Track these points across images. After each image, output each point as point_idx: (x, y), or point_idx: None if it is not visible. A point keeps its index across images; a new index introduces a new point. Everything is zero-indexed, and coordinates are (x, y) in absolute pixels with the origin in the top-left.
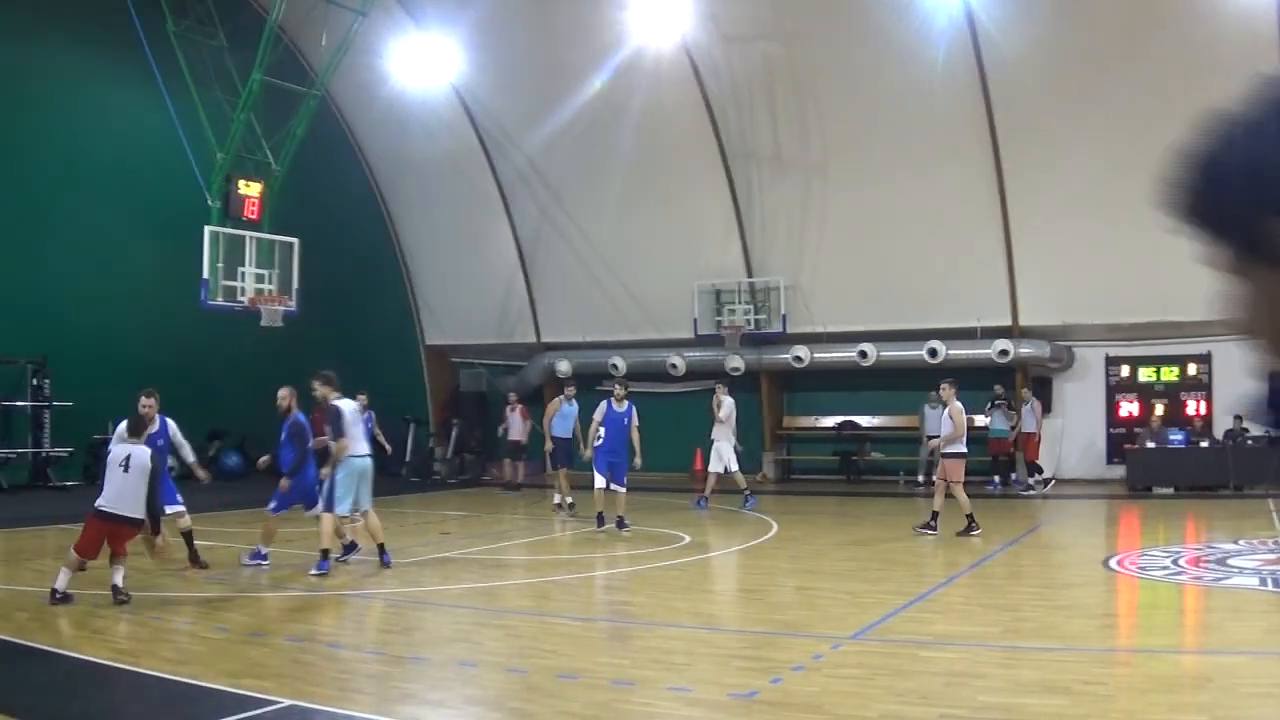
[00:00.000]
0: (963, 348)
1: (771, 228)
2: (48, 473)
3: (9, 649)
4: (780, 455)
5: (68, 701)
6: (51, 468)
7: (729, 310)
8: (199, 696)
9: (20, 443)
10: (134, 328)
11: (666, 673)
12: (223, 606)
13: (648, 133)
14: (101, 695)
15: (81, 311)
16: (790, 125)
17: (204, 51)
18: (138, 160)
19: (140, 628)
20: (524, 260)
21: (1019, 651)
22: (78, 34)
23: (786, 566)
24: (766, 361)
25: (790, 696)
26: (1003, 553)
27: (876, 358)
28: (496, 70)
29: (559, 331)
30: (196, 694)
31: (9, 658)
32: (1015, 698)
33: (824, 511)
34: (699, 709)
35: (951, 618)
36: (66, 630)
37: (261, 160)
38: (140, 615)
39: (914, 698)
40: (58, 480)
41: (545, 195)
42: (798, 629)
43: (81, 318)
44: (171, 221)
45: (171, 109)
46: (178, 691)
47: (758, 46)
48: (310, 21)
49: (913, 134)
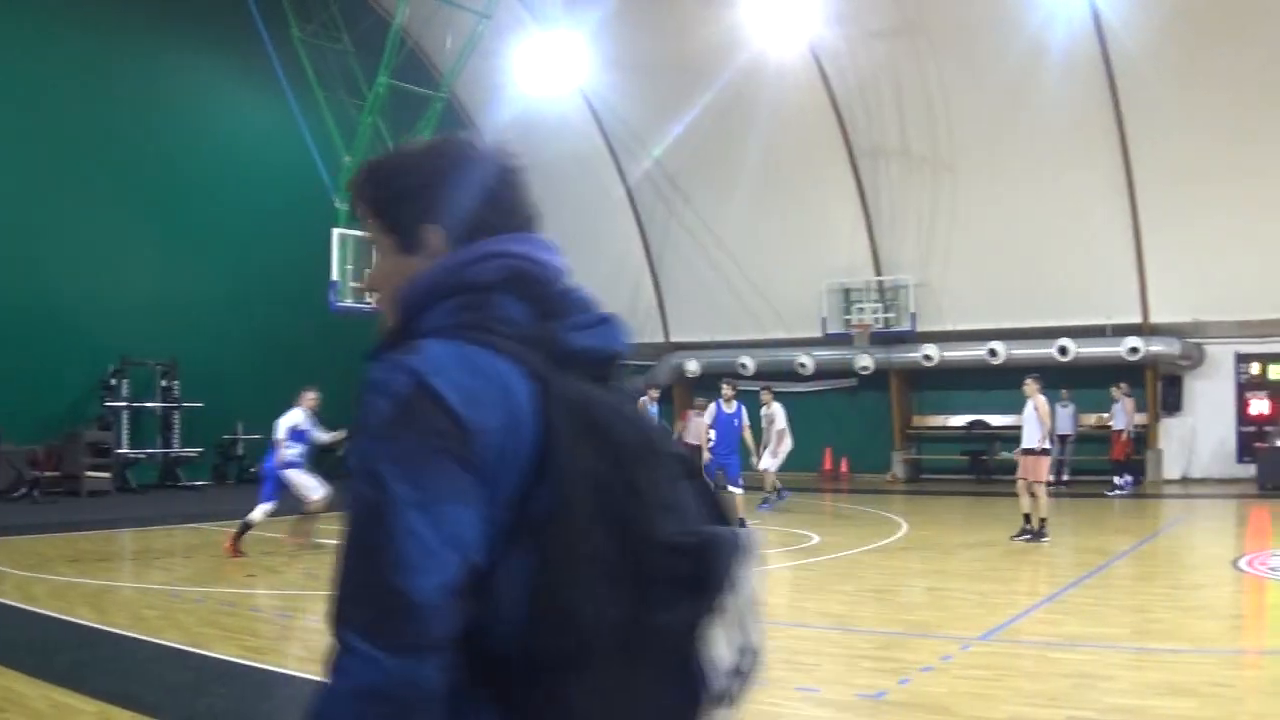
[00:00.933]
0: (1093, 346)
1: (900, 225)
2: (177, 473)
3: (139, 647)
4: (909, 455)
5: (196, 699)
6: (181, 468)
7: (857, 309)
8: None
9: (150, 443)
10: (262, 330)
11: (794, 673)
12: None
13: (774, 131)
14: (230, 693)
15: (210, 314)
16: (917, 122)
17: (329, 56)
18: (265, 164)
19: (268, 625)
20: (652, 260)
21: (1147, 653)
22: (204, 42)
23: (916, 567)
24: (896, 360)
25: (918, 697)
26: (1132, 553)
27: (1006, 356)
28: (621, 71)
29: (687, 331)
30: None
31: (139, 656)
32: (1142, 699)
33: (953, 511)
34: (827, 709)
35: (1080, 618)
36: (195, 628)
37: None
38: (268, 613)
39: (1041, 699)
40: (187, 480)
41: (673, 195)
42: (927, 630)
43: (210, 320)
44: (299, 224)
45: (298, 113)
46: (306, 689)
47: (883, 44)
48: (434, 24)
49: (1040, 129)
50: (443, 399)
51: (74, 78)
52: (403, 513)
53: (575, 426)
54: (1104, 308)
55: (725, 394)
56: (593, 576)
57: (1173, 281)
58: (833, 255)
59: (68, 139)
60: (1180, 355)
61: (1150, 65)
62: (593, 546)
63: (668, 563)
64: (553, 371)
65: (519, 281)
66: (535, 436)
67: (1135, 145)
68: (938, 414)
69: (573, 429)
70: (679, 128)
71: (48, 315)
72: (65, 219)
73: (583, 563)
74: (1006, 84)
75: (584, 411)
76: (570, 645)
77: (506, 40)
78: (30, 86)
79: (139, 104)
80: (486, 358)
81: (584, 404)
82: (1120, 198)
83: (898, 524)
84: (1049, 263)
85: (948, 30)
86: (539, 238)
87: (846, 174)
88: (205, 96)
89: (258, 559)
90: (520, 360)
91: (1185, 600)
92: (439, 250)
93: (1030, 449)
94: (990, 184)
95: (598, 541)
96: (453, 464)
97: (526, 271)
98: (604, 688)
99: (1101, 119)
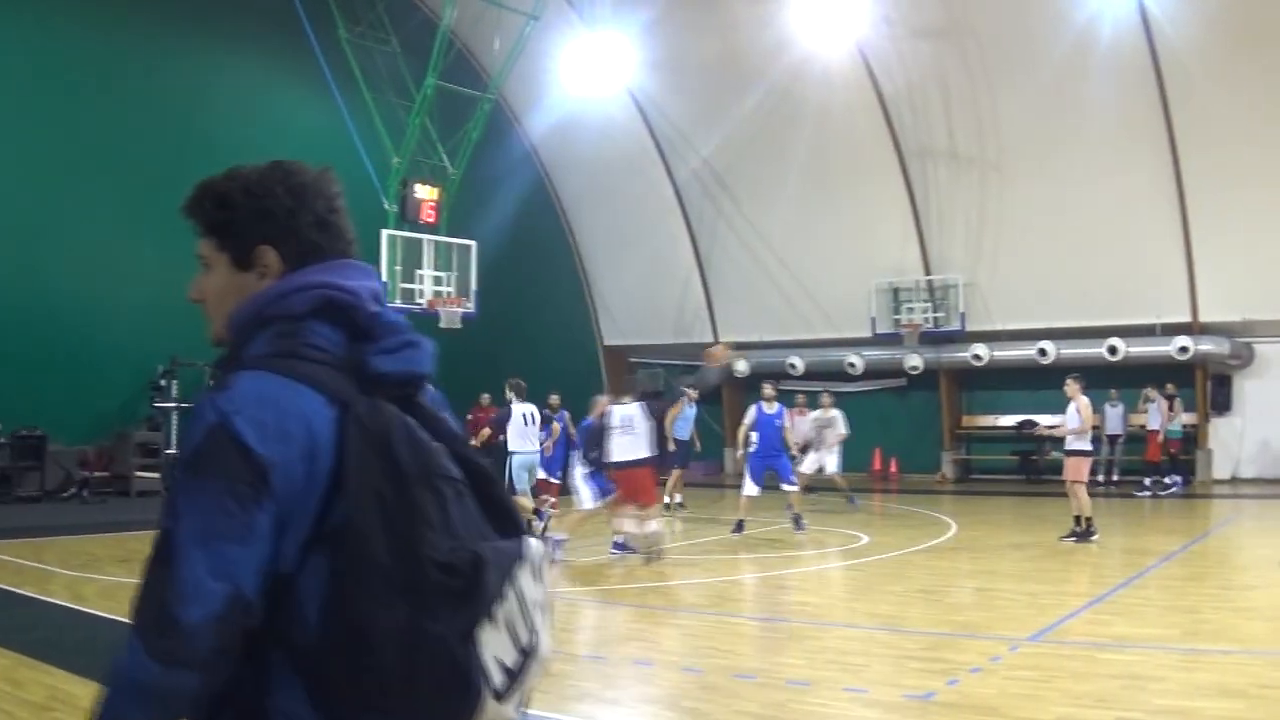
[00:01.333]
0: (1142, 345)
1: (949, 225)
2: None
3: None
4: (959, 455)
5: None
6: None
7: (907, 309)
8: None
9: None
10: None
11: (842, 673)
12: None
13: (823, 131)
14: None
15: None
16: (966, 122)
17: (376, 57)
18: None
19: None
20: (700, 260)
21: (1197, 654)
22: (253, 45)
23: (965, 567)
24: (945, 360)
25: (966, 698)
26: (1183, 553)
27: (1056, 355)
28: (669, 71)
29: (736, 331)
30: None
31: None
32: (1192, 701)
33: (1003, 511)
34: (875, 710)
35: (1130, 619)
36: None
37: (437, 164)
38: None
39: (1090, 700)
40: None
41: (721, 195)
42: (976, 630)
43: None
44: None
45: (346, 115)
46: None
47: (930, 44)
48: (482, 25)
49: (1087, 128)
50: (241, 439)
51: (125, 81)
52: (188, 546)
53: (367, 450)
54: (1153, 307)
55: (766, 395)
56: (374, 584)
57: (1222, 280)
58: (882, 255)
59: (116, 142)
60: (1230, 354)
61: (1198, 62)
62: (376, 558)
63: (440, 578)
64: (356, 396)
65: (330, 309)
66: (331, 460)
67: (1183, 143)
68: (987, 414)
69: (364, 452)
70: (727, 128)
71: (98, 316)
72: (112, 222)
73: (366, 572)
74: (1054, 84)
75: (377, 436)
76: (355, 643)
77: (554, 41)
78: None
79: (189, 107)
80: (290, 390)
81: (378, 429)
82: (1169, 196)
83: (947, 524)
84: (1098, 262)
85: (995, 30)
86: (356, 264)
87: (895, 174)
88: (254, 98)
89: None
90: (324, 388)
91: (1235, 601)
92: (275, 267)
93: (1071, 450)
94: (1038, 183)
95: (380, 554)
96: (237, 504)
97: (336, 299)
98: (387, 682)
99: (1149, 117)
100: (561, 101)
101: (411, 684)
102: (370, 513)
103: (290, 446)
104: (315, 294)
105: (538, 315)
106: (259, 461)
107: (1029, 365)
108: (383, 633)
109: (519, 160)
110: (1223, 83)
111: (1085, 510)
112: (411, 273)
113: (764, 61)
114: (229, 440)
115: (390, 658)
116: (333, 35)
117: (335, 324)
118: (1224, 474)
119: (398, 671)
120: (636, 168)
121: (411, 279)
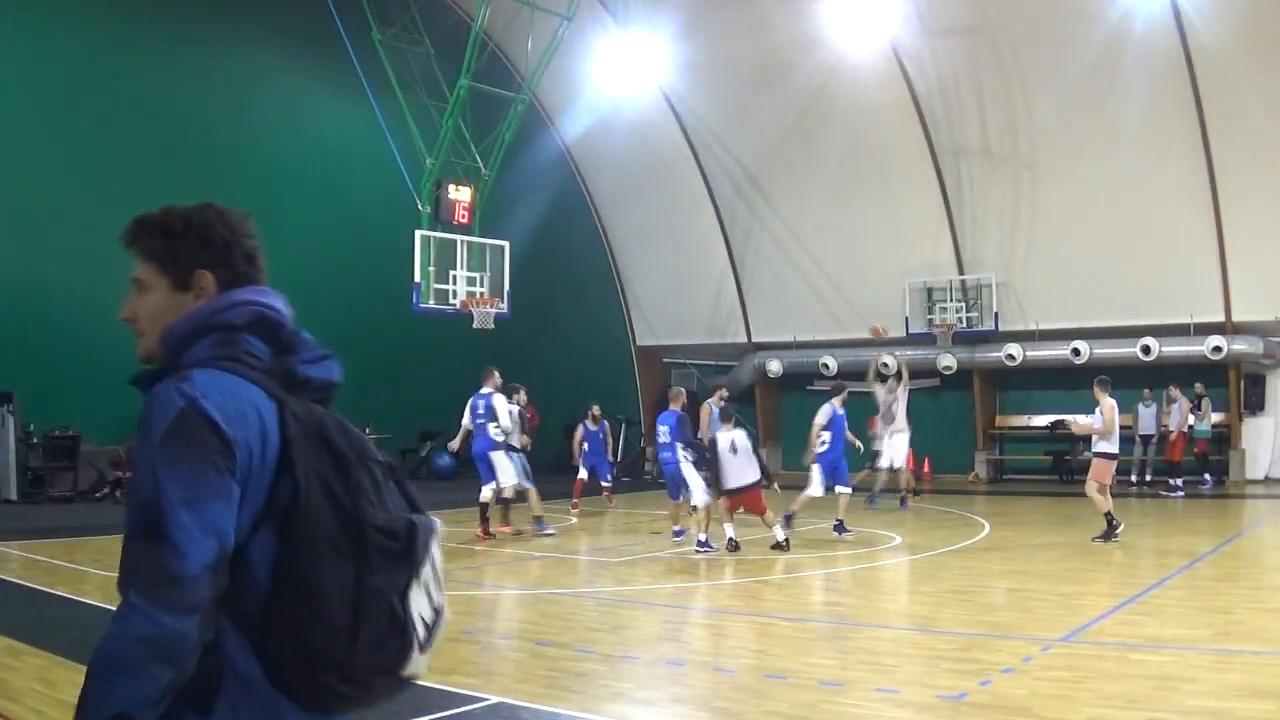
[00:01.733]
0: (1176, 344)
1: (982, 224)
2: None
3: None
4: (992, 455)
5: None
6: None
7: (940, 308)
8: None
9: None
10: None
11: (875, 674)
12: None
13: (855, 131)
14: None
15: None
16: (999, 120)
17: (410, 58)
18: (347, 166)
19: None
20: (734, 260)
21: (1229, 655)
22: (286, 46)
23: (998, 568)
24: (979, 360)
25: (998, 699)
26: (1214, 554)
27: (1089, 355)
28: (702, 71)
29: (769, 331)
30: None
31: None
32: (1224, 702)
33: (1036, 512)
34: (907, 711)
35: (1162, 620)
36: None
37: (471, 165)
38: None
39: (1122, 701)
40: None
41: (754, 195)
42: (1008, 631)
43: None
44: (381, 226)
45: (379, 115)
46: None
47: (963, 42)
48: (515, 26)
49: (1120, 127)
50: (211, 418)
51: (154, 82)
52: (176, 508)
53: (307, 437)
54: (1186, 306)
55: (843, 396)
56: (324, 549)
57: (1256, 279)
58: (915, 254)
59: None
60: (1263, 354)
61: (1231, 61)
62: (323, 527)
63: (382, 541)
64: (286, 395)
65: (261, 324)
66: (278, 444)
67: (1217, 142)
68: (1021, 414)
69: (305, 438)
70: (760, 127)
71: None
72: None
73: (317, 538)
74: (1086, 81)
75: (314, 425)
76: (308, 601)
77: (587, 41)
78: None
79: (226, 110)
80: (239, 384)
81: (314, 420)
82: (1202, 195)
83: (980, 525)
84: (1131, 261)
85: (1027, 28)
86: (272, 290)
87: (928, 172)
88: (289, 100)
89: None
90: (263, 385)
91: (1269, 601)
92: (210, 290)
93: (1095, 451)
94: (1071, 181)
95: (326, 524)
96: (215, 470)
97: (267, 317)
98: (337, 633)
99: (1183, 116)
100: (595, 102)
101: (356, 634)
102: (316, 487)
103: (247, 429)
104: (251, 309)
105: (571, 316)
106: (227, 438)
107: (1063, 365)
108: (333, 590)
109: (552, 160)
110: (1256, 80)
111: (1105, 507)
112: (445, 273)
113: (796, 61)
114: (200, 419)
115: (340, 611)
116: (366, 37)
117: (263, 338)
118: (1258, 474)
119: (346, 623)
120: (669, 167)
121: (445, 280)
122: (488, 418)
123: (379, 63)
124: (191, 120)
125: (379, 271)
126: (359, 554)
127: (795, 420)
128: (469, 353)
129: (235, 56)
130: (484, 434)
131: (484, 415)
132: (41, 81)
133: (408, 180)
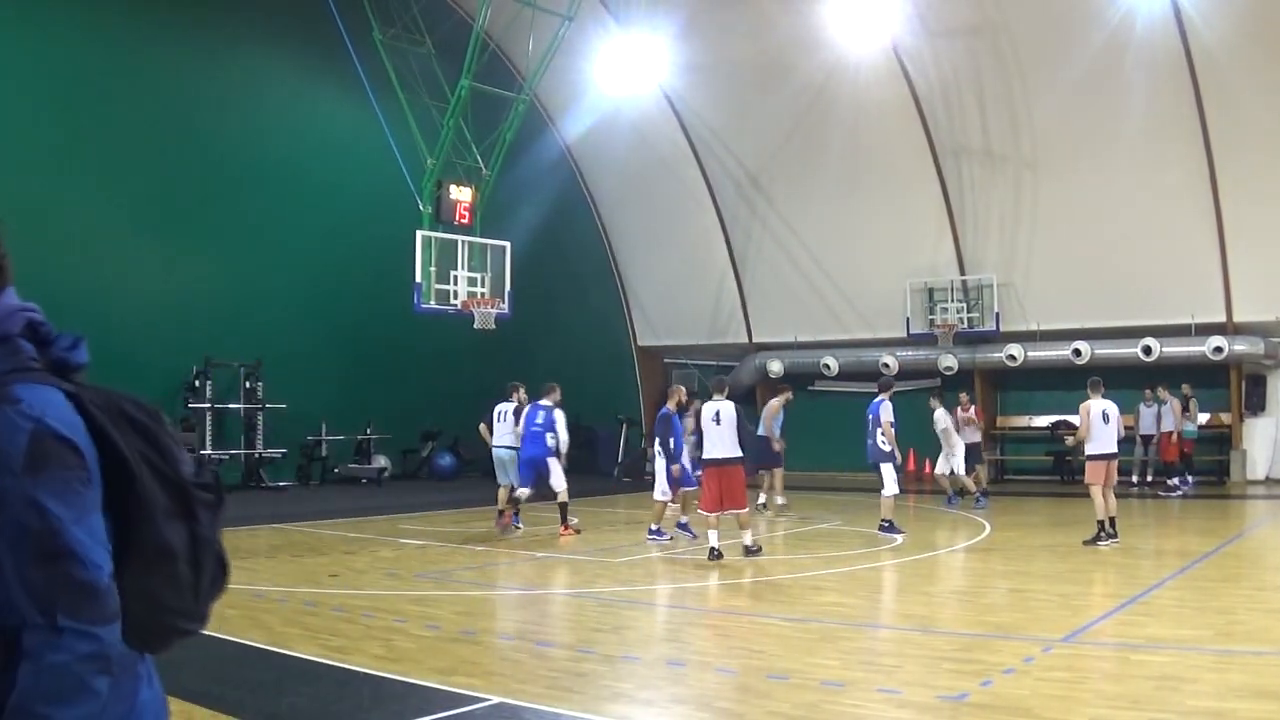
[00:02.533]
0: (1177, 345)
1: (983, 224)
2: (261, 473)
3: (222, 646)
4: (994, 455)
5: (279, 698)
6: (264, 469)
7: (941, 308)
8: (408, 693)
9: (234, 444)
10: (346, 331)
11: (876, 674)
12: (434, 604)
13: (857, 131)
14: (312, 691)
15: (294, 316)
16: (1000, 121)
17: (411, 59)
18: (348, 166)
19: (350, 625)
20: (735, 260)
21: (1230, 655)
22: (287, 46)
23: (999, 568)
24: (980, 360)
25: (999, 699)
26: (1215, 555)
27: (1090, 356)
28: (703, 71)
29: (771, 331)
30: (406, 691)
31: (222, 655)
32: (1225, 702)
33: (1037, 512)
34: (908, 711)
35: (1163, 620)
36: (278, 628)
37: (472, 165)
38: (350, 613)
39: (1123, 702)
40: (270, 481)
41: (755, 195)
42: (1009, 631)
43: (294, 322)
44: (382, 226)
45: (380, 116)
46: (387, 688)
47: (964, 42)
48: (516, 27)
49: (1121, 127)
50: (61, 434)
51: (158, 82)
52: (70, 528)
53: (113, 420)
54: (1187, 306)
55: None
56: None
57: (1257, 280)
58: (916, 255)
59: (150, 143)
60: (1264, 354)
61: (1232, 61)
62: (157, 498)
63: (203, 495)
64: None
65: (30, 328)
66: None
67: (1218, 141)
68: (1022, 414)
69: (113, 422)
70: (761, 127)
71: (132, 316)
72: (148, 222)
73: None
74: (1087, 81)
75: (112, 410)
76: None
77: (588, 42)
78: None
79: (223, 107)
80: (51, 391)
81: (110, 404)
82: (1204, 195)
83: (981, 525)
84: (1132, 261)
85: (1028, 28)
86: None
87: (929, 173)
88: (288, 99)
89: (339, 558)
90: (56, 385)
91: (1270, 602)
92: None
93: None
94: (1072, 182)
95: (155, 491)
96: (80, 484)
97: (34, 319)
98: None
99: (1183, 115)
100: (596, 102)
101: (199, 578)
102: (140, 464)
103: (80, 434)
104: (23, 316)
105: (572, 316)
106: (79, 449)
107: (1064, 366)
108: (178, 551)
109: (553, 161)
110: (1258, 80)
111: (1098, 513)
112: (446, 274)
113: (797, 61)
114: (53, 437)
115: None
116: (367, 37)
117: (31, 339)
118: (1259, 475)
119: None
120: (670, 168)
121: (446, 280)
122: (546, 427)
123: (380, 63)
124: (193, 121)
125: (380, 272)
126: (188, 513)
127: (795, 420)
128: (470, 353)
129: (236, 57)
130: (540, 442)
131: (543, 425)
132: (41, 81)
133: (409, 180)
